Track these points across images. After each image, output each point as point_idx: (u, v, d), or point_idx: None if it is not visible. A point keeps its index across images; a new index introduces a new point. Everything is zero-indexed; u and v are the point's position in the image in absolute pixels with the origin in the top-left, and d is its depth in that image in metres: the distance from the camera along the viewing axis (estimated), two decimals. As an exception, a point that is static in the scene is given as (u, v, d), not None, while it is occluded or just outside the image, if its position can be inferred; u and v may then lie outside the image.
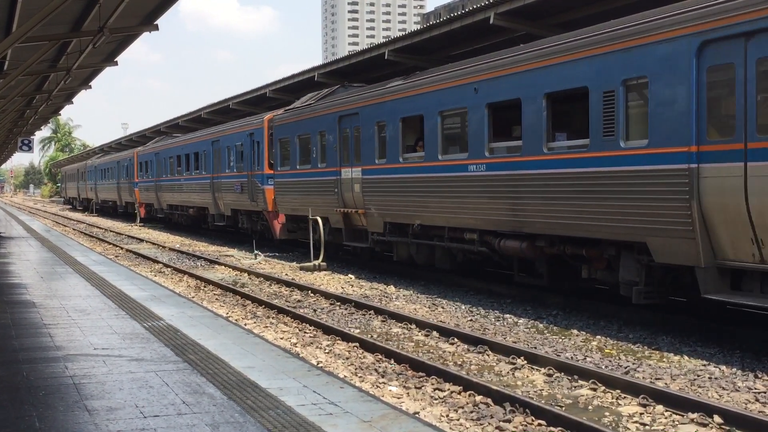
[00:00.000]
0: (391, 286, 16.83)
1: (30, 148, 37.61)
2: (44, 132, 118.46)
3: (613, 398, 8.18)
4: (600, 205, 11.54)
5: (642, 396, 8.00)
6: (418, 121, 16.20)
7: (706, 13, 9.77)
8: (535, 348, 10.49)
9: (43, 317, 10.71)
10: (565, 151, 12.32)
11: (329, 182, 19.76)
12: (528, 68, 12.82)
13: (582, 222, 11.91)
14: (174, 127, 43.78)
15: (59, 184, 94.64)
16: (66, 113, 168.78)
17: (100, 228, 40.48)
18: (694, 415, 7.40)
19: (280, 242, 24.73)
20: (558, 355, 9.96)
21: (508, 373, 9.35)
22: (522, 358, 9.78)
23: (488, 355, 10.19)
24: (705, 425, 7.24)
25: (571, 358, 9.92)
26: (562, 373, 9.09)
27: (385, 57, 22.08)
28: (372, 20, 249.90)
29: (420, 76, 16.54)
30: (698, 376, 9.06)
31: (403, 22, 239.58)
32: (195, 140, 33.19)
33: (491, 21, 17.63)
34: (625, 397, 8.16)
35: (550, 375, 9.12)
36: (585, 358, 9.95)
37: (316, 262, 19.88)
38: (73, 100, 28.09)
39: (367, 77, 24.89)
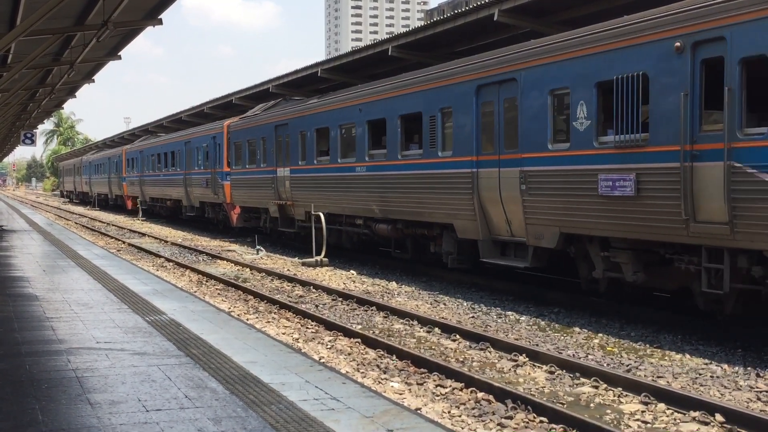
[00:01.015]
0: (393, 282, 16.83)
1: (33, 142, 37.60)
2: (47, 125, 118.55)
3: (614, 396, 8.19)
4: (429, 197, 15.88)
5: (644, 394, 8.01)
6: (327, 131, 20.42)
7: (478, 67, 14.44)
8: (537, 345, 10.49)
9: (45, 311, 10.73)
10: (411, 158, 16.68)
11: (268, 179, 24.04)
12: (389, 96, 17.47)
13: (421, 210, 16.27)
14: (176, 122, 43.79)
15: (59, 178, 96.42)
16: (69, 107, 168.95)
17: (102, 222, 40.51)
18: (696, 414, 7.41)
19: (285, 235, 24.82)
20: (560, 353, 9.96)
21: (510, 370, 9.36)
22: (524, 355, 9.78)
23: (490, 352, 10.20)
24: (706, 424, 7.24)
25: (573, 355, 9.93)
26: (564, 371, 9.09)
27: (389, 53, 22.04)
28: (375, 16, 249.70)
29: (329, 96, 21.20)
30: (700, 374, 9.06)
31: (407, 18, 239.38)
32: (172, 140, 37.51)
33: (495, 18, 17.59)
34: (626, 395, 8.17)
35: (551, 372, 9.13)
36: (587, 356, 9.96)
37: (318, 258, 19.89)
38: (76, 93, 28.10)
39: (371, 73, 24.87)
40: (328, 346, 10.58)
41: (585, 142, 11.97)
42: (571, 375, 8.93)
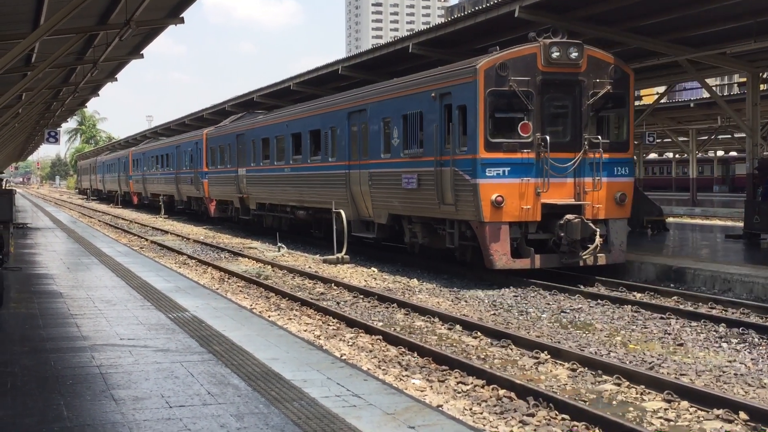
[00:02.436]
0: (414, 279, 16.83)
1: (56, 140, 37.91)
2: (70, 124, 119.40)
3: (637, 393, 8.15)
4: (325, 190, 21.74)
5: (666, 392, 7.96)
6: (268, 140, 26.79)
7: (349, 99, 20.96)
8: (559, 342, 10.45)
9: (69, 307, 10.83)
10: (315, 162, 22.64)
11: (233, 177, 30.34)
12: (303, 116, 23.87)
13: (321, 199, 21.98)
14: (199, 119, 44.08)
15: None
16: (92, 105, 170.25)
17: (125, 220, 40.79)
18: (720, 412, 7.35)
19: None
20: (582, 350, 9.92)
21: (531, 367, 9.33)
22: (545, 352, 9.75)
23: (511, 350, 10.17)
24: (730, 422, 7.19)
25: (595, 353, 9.88)
26: (586, 368, 9.05)
27: (410, 50, 22.03)
28: (396, 13, 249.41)
29: (270, 114, 28.44)
30: (724, 372, 8.99)
31: (427, 15, 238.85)
32: (167, 144, 44.33)
33: (516, 14, 17.52)
34: (649, 393, 8.12)
35: (573, 370, 9.09)
36: (609, 353, 9.91)
37: (339, 255, 19.92)
38: (99, 92, 28.29)
39: (392, 71, 24.84)
40: (350, 343, 10.60)
41: (397, 153, 18.14)
42: (593, 372, 8.89)
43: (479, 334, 11.03)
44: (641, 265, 16.37)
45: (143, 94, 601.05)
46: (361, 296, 14.54)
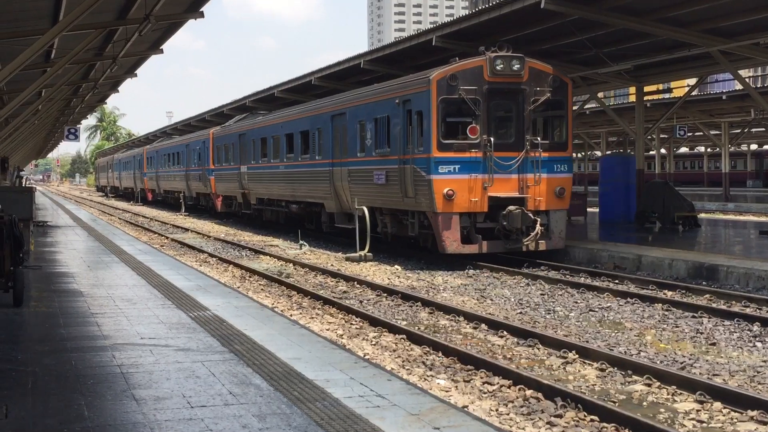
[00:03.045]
0: (439, 277, 16.81)
1: (76, 137, 38.22)
2: (90, 120, 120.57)
3: (668, 394, 8.08)
4: (313, 186, 24.38)
5: (699, 392, 7.89)
6: (266, 139, 29.47)
7: (332, 103, 23.60)
8: (587, 342, 10.40)
9: (90, 306, 10.93)
10: (305, 160, 25.15)
11: (236, 174, 33.20)
12: (295, 118, 26.59)
13: (310, 194, 24.87)
14: (218, 115, 44.31)
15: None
16: (112, 102, 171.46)
17: (145, 217, 41.07)
18: (754, 413, 7.28)
19: (330, 232, 25.10)
20: (611, 350, 9.86)
21: (559, 367, 9.29)
22: (573, 352, 9.70)
23: (538, 349, 10.13)
24: (765, 423, 7.11)
25: (625, 352, 9.81)
26: (615, 368, 9.00)
27: (433, 43, 22.00)
28: (419, 5, 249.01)
29: (269, 115, 31.30)
30: (758, 372, 8.90)
31: (451, 7, 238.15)
32: (178, 143, 47.09)
33: (542, 5, 17.44)
34: (681, 394, 8.06)
35: (602, 370, 9.04)
36: (639, 353, 9.84)
37: (362, 253, 19.94)
38: (119, 88, 28.54)
39: (415, 64, 24.84)
40: (373, 343, 10.60)
41: (370, 152, 20.61)
42: (623, 373, 8.84)
43: (505, 333, 11.00)
44: (672, 262, 16.26)
45: (163, 90, 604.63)
46: (385, 294, 14.55)
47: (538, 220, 17.96)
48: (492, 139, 17.84)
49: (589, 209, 30.05)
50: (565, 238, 18.88)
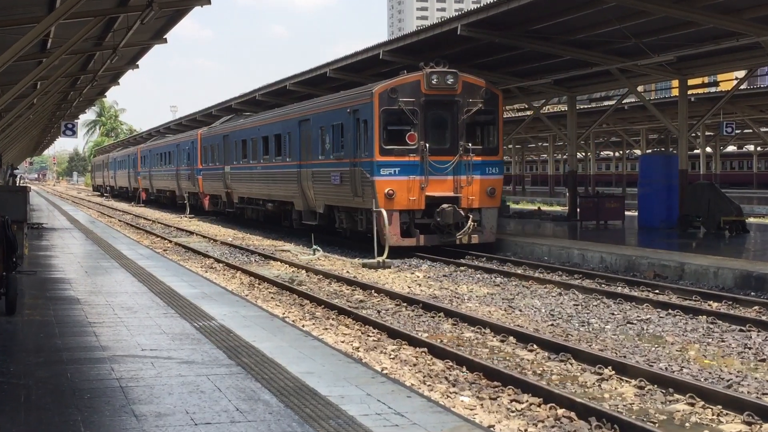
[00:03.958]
0: (463, 286, 16.80)
1: (74, 133, 38.33)
2: (89, 115, 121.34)
3: (713, 415, 8.03)
4: (285, 185, 28.11)
5: (747, 413, 7.83)
6: (245, 141, 33.56)
7: (299, 109, 27.74)
8: (625, 357, 10.35)
9: (87, 315, 10.99)
10: (278, 161, 29.00)
11: (220, 174, 37.27)
12: (269, 122, 30.66)
13: (282, 193, 28.69)
14: (226, 110, 44.53)
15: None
16: (112, 95, 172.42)
17: (147, 219, 41.30)
18: (807, 436, 7.22)
19: (344, 237, 25.21)
20: (650, 365, 9.81)
21: (593, 384, 9.25)
22: (609, 367, 9.66)
23: (571, 364, 10.10)
24: (819, 447, 7.04)
25: (666, 368, 9.76)
26: (655, 386, 8.95)
27: (458, 32, 21.98)
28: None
29: (249, 118, 35.65)
30: (812, 391, 8.82)
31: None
32: (169, 143, 51.40)
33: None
34: (727, 414, 8.00)
35: (641, 387, 8.99)
36: (681, 369, 9.79)
37: (380, 259, 19.97)
38: (120, 80, 28.68)
39: (439, 55, 24.83)
40: (392, 356, 10.60)
41: (329, 155, 24.43)
42: (664, 390, 8.79)
43: (535, 346, 10.97)
44: (718, 270, 16.15)
45: (167, 83, 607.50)
46: (404, 304, 14.54)
47: (470, 216, 21.53)
48: (428, 144, 21.50)
49: (627, 213, 29.93)
50: (498, 233, 23.04)
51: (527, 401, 8.45)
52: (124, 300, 12.34)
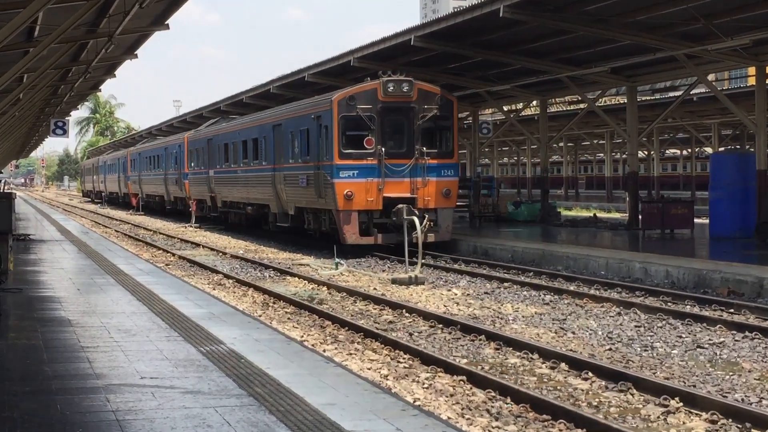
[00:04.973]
0: (507, 304, 16.76)
1: (65, 132, 38.78)
2: (81, 112, 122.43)
3: (797, 454, 7.95)
4: (262, 189, 32.25)
5: (837, 451, 7.76)
6: (227, 145, 38.09)
7: (273, 114, 33.06)
8: (694, 386, 10.28)
9: (80, 338, 11.07)
10: (256, 164, 33.12)
11: (204, 178, 41.81)
12: (247, 126, 35.43)
13: (260, 196, 32.98)
14: (237, 104, 44.80)
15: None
16: (107, 89, 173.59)
17: (147, 230, 41.59)
18: None
19: (354, 248, 25.36)
20: (724, 396, 9.74)
21: (658, 418, 9.20)
22: (677, 399, 9.60)
23: (632, 395, 10.04)
24: None
25: (742, 400, 9.69)
26: (730, 420, 8.88)
27: (500, 14, 21.95)
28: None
29: (230, 122, 40.08)
30: None
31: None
32: (157, 146, 56.56)
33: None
34: (813, 453, 7.92)
35: (713, 422, 8.93)
36: (760, 401, 9.71)
37: (412, 274, 19.96)
38: (116, 72, 28.92)
39: (479, 40, 24.87)
40: (425, 385, 10.59)
41: (297, 159, 28.85)
42: (740, 425, 8.72)
43: (590, 374, 10.92)
44: (802, 286, 16.00)
45: (169, 75, 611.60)
46: (440, 326, 14.53)
47: (426, 216, 24.84)
48: (385, 148, 25.73)
49: (696, 220, 29.72)
50: (455, 233, 27.46)
51: (581, 437, 8.41)
52: (121, 321, 12.41)
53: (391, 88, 25.60)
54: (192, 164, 44.61)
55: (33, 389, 8.35)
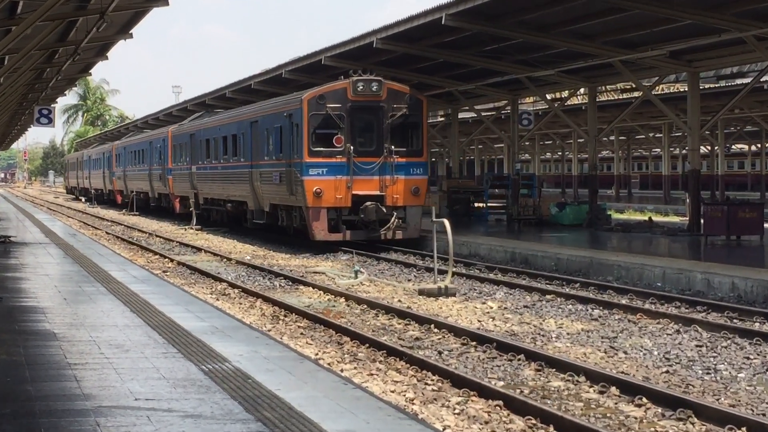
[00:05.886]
0: (550, 320, 16.71)
1: (50, 121, 38.85)
2: (70, 98, 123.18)
3: None
4: (240, 186, 36.84)
5: None
6: (208, 141, 41.78)
7: (251, 111, 37.54)
8: (764, 415, 10.22)
9: (66, 354, 11.10)
10: (235, 161, 37.76)
11: (187, 174, 45.56)
12: (227, 122, 40.09)
13: (238, 193, 37.46)
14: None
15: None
16: (98, 73, 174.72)
17: (142, 232, 41.73)
18: None
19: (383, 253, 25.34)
20: (798, 427, 9.68)
21: (722, 450, 9.14)
22: (743, 429, 9.55)
23: (692, 424, 10.00)
24: None
25: (818, 431, 9.62)
26: (805, 454, 8.83)
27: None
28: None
29: (211, 117, 44.59)
30: None
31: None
32: (141, 140, 60.38)
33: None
34: None
35: (785, 455, 8.87)
36: (840, 433, 9.64)
37: (442, 285, 19.92)
38: (109, 54, 29.04)
39: (520, 19, 24.83)
40: (456, 411, 10.58)
41: (271, 157, 32.58)
42: (816, 460, 8.66)
43: (645, 400, 10.88)
44: None
45: (169, 57, 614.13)
46: (473, 343, 14.51)
47: (394, 213, 29.11)
48: (354, 147, 29.12)
49: (767, 225, 29.54)
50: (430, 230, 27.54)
51: (634, 472, 8.39)
52: (113, 335, 12.45)
53: (361, 87, 28.93)
54: (175, 159, 48.81)
55: (14, 411, 8.37)
